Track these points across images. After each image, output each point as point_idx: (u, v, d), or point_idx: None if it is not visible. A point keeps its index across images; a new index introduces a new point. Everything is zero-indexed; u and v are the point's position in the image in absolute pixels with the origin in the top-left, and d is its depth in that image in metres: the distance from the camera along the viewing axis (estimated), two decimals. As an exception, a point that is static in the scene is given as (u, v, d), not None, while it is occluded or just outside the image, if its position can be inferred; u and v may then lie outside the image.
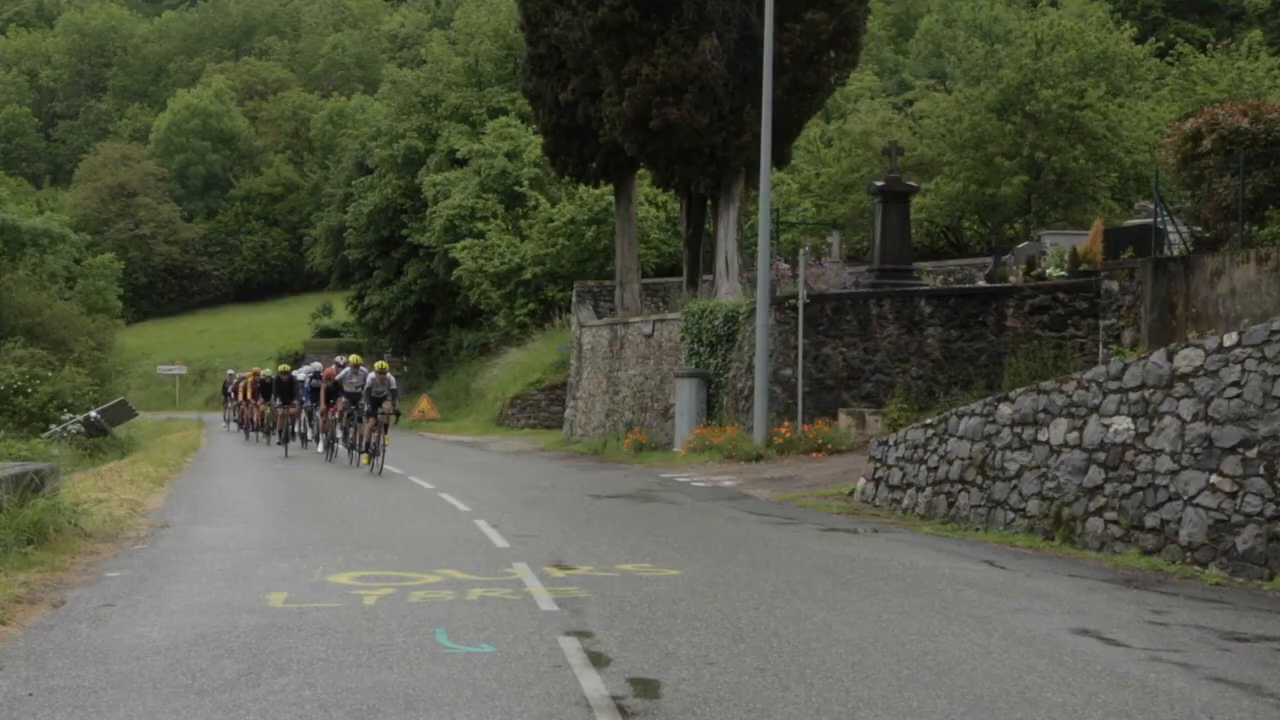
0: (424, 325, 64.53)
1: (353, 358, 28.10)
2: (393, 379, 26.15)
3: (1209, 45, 47.23)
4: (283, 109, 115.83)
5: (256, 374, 40.28)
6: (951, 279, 34.32)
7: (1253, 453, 12.97)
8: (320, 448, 31.43)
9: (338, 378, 28.64)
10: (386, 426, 25.43)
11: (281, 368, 33.94)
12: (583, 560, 13.78)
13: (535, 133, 46.86)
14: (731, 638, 9.87)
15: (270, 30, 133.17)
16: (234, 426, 47.38)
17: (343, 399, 27.52)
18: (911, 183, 31.06)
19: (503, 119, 58.13)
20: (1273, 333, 13.07)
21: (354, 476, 25.30)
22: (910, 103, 53.35)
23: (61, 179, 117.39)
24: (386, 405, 25.35)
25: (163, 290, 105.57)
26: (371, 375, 25.92)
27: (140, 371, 76.32)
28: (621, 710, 7.82)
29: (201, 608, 11.09)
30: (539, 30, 37.69)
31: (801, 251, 28.03)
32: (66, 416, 34.90)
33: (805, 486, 22.00)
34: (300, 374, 35.70)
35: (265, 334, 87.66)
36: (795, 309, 26.78)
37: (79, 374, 43.51)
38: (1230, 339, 13.59)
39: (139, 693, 8.24)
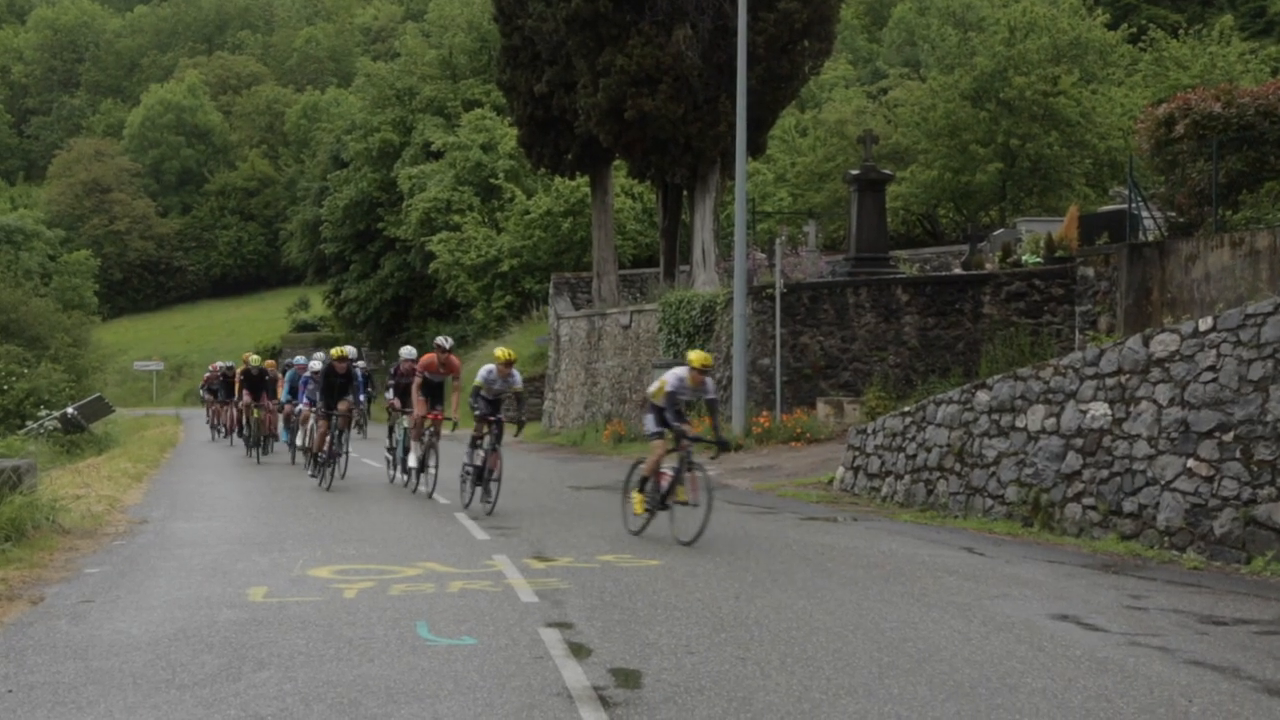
0: (401, 318, 64.39)
1: (503, 351, 18.03)
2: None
3: (1181, 31, 47.39)
4: (257, 103, 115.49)
5: (246, 360, 31.42)
6: (928, 267, 34.42)
7: (1229, 436, 13.03)
8: (401, 473, 21.62)
9: (479, 381, 17.98)
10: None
11: (336, 351, 22.98)
12: (563, 551, 13.77)
13: (510, 125, 46.80)
14: (712, 627, 9.87)
15: (243, 24, 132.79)
16: (222, 434, 36.46)
17: (477, 408, 17.90)
18: (887, 171, 31.11)
19: (477, 111, 58.03)
20: (1247, 317, 13.12)
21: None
22: (885, 91, 53.49)
23: (35, 175, 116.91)
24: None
25: (138, 286, 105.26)
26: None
27: (117, 368, 76.05)
28: (603, 701, 7.82)
29: (181, 603, 11.05)
30: (513, 22, 37.63)
31: (778, 241, 28.05)
32: (43, 413, 34.79)
33: (784, 475, 22.03)
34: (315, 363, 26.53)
35: (242, 329, 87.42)
36: (772, 298, 26.80)
37: (55, 370, 43.42)
38: (1205, 323, 13.64)
39: (119, 688, 8.21)
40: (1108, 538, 14.23)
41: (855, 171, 29.45)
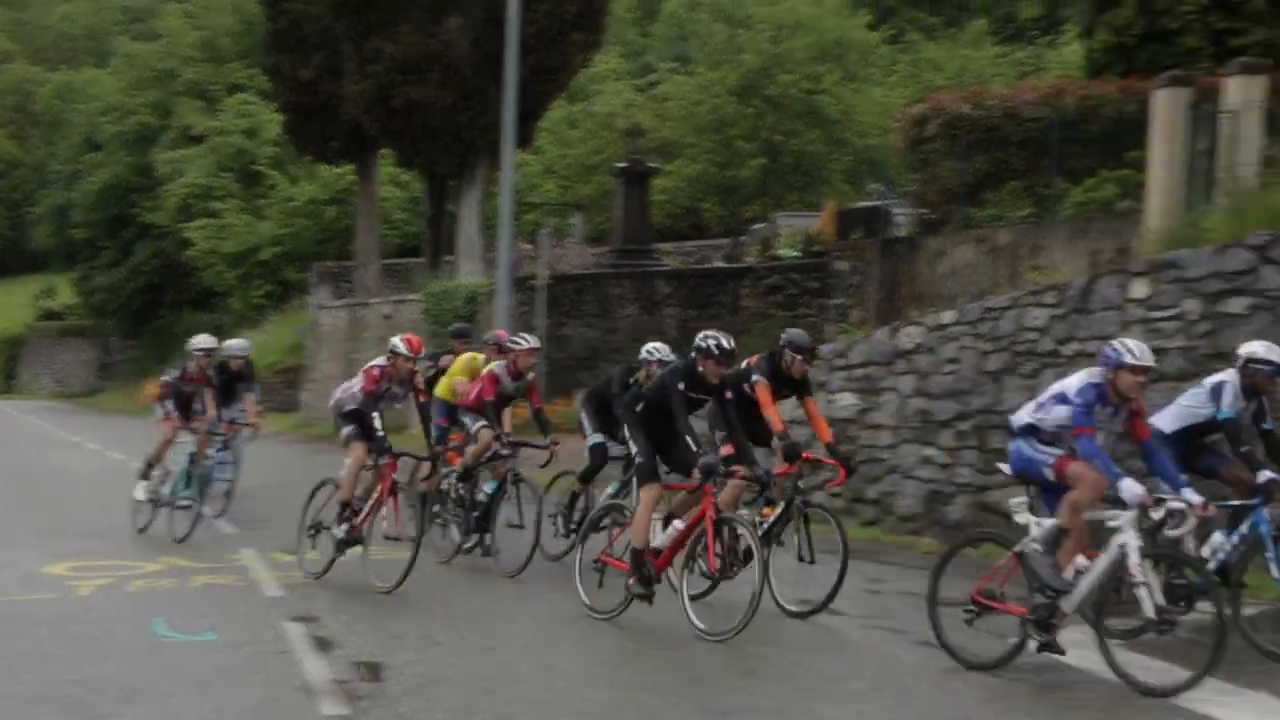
0: (155, 307, 62.64)
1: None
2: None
3: (937, 33, 48.90)
4: (6, 81, 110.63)
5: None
6: (691, 260, 34.82)
7: (967, 425, 13.52)
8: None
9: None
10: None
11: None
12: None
13: (275, 110, 45.84)
14: (460, 618, 9.86)
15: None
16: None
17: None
18: (653, 164, 31.37)
19: (241, 96, 56.69)
20: (987, 310, 13.62)
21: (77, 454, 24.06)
22: (654, 85, 53.90)
23: None
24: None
25: None
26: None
27: None
28: (346, 694, 7.73)
29: (-106, 604, 10.53)
30: (279, 5, 36.91)
31: (543, 232, 28.06)
32: None
33: (535, 465, 21.99)
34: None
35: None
36: (536, 289, 26.80)
37: None
38: (949, 316, 14.12)
39: None
40: (851, 525, 14.58)
41: (622, 164, 29.64)
